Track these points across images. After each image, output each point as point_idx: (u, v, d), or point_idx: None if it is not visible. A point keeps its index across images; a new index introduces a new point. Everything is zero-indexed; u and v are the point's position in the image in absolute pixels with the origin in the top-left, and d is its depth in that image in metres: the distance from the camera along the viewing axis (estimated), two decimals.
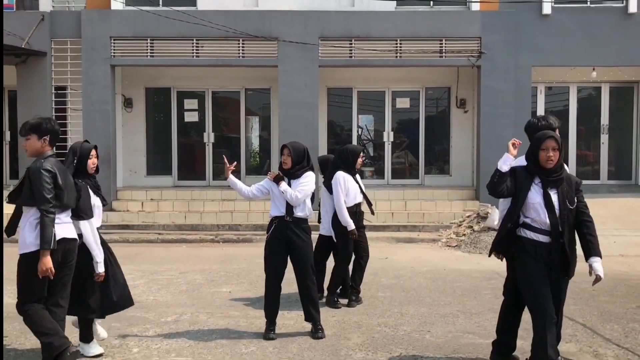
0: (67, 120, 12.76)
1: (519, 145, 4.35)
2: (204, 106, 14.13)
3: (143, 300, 6.85)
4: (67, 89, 12.85)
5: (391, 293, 7.24)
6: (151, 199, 12.97)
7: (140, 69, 13.63)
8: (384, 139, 14.14)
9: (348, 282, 6.83)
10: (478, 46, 12.66)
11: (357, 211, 6.64)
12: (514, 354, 4.79)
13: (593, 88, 14.39)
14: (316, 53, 12.58)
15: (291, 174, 5.54)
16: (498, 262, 4.77)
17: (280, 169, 5.63)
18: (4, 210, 5.22)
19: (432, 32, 12.65)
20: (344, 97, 14.31)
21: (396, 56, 12.71)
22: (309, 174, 5.58)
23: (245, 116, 14.24)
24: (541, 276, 4.18)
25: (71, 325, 5.07)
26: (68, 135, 12.57)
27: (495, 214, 4.59)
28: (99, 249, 4.77)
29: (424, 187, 13.66)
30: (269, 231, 5.61)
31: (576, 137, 14.18)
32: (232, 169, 5.63)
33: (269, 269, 5.59)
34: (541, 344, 4.13)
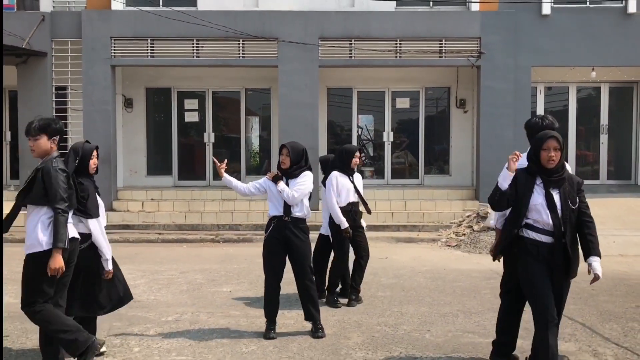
0: (68, 120, 12.78)
1: (518, 159, 4.32)
2: (204, 106, 14.16)
3: (144, 299, 6.87)
4: (67, 89, 12.88)
5: (391, 292, 7.26)
6: (151, 199, 12.99)
7: (141, 69, 13.65)
8: (384, 139, 14.16)
9: (348, 282, 6.85)
10: (478, 46, 12.68)
11: (352, 210, 6.66)
12: (513, 353, 4.81)
13: (592, 88, 14.41)
14: (316, 53, 12.60)
15: (289, 173, 5.56)
16: (498, 262, 4.79)
17: (279, 168, 5.66)
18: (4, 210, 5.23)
19: (431, 33, 12.67)
20: (343, 97, 14.33)
21: (396, 56, 12.72)
22: (307, 174, 5.60)
23: (246, 116, 14.26)
24: (543, 276, 4.19)
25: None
26: (68, 135, 12.59)
27: (494, 213, 4.58)
28: (108, 247, 4.84)
29: (424, 187, 13.69)
30: (267, 231, 5.63)
31: (576, 137, 14.20)
32: (224, 167, 5.66)
33: (267, 268, 5.61)
34: (542, 344, 4.14)
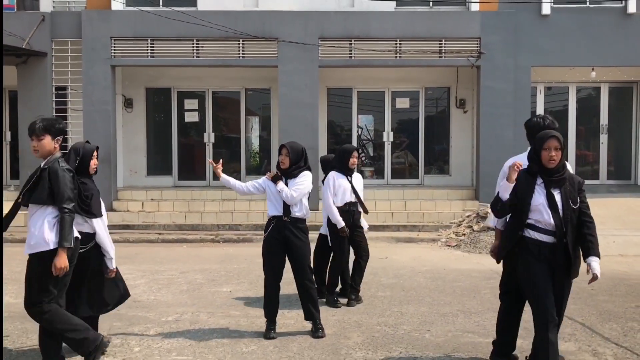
0: (68, 120, 12.77)
1: (519, 170, 4.29)
2: (204, 106, 14.16)
3: (144, 299, 6.88)
4: (67, 89, 12.89)
5: (391, 292, 7.26)
6: (151, 199, 13.00)
7: (141, 69, 13.66)
8: (384, 139, 14.16)
9: (348, 282, 6.87)
10: (477, 46, 12.69)
11: (350, 210, 6.68)
12: (513, 353, 4.82)
13: (592, 88, 14.42)
14: (316, 53, 12.61)
15: (288, 173, 5.58)
16: (493, 259, 4.79)
17: (278, 168, 5.68)
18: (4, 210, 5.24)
19: (431, 33, 12.68)
20: (343, 97, 14.33)
21: (396, 56, 12.73)
22: (306, 174, 5.62)
23: (245, 116, 14.27)
24: (544, 276, 4.18)
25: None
26: (69, 135, 12.59)
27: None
28: (112, 246, 4.89)
29: (424, 187, 13.69)
30: (266, 231, 5.64)
31: (575, 137, 14.20)
32: (220, 167, 5.69)
33: (267, 268, 5.62)
34: (542, 344, 4.13)
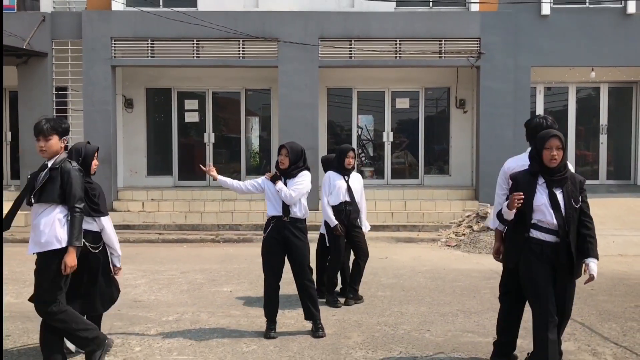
0: (68, 120, 12.79)
1: (520, 199, 4.20)
2: (204, 106, 14.18)
3: (144, 299, 6.89)
4: (67, 90, 12.90)
5: (391, 292, 7.28)
6: (152, 199, 13.01)
7: (141, 70, 13.67)
8: (384, 139, 14.17)
9: (347, 281, 6.89)
10: (477, 47, 12.70)
11: (346, 210, 6.71)
12: (514, 352, 4.82)
13: (592, 88, 14.44)
14: (316, 54, 12.62)
15: (287, 173, 5.61)
16: (497, 262, 4.80)
17: (277, 168, 5.70)
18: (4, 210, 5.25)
19: (431, 33, 12.69)
20: (343, 98, 14.34)
21: (396, 57, 12.74)
22: (305, 174, 5.65)
23: (246, 116, 14.28)
24: (545, 276, 4.17)
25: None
26: (69, 135, 12.59)
27: (492, 214, 4.58)
28: (118, 244, 4.98)
29: (424, 187, 13.70)
30: (266, 231, 5.66)
31: (575, 137, 14.21)
32: (213, 170, 5.72)
33: (267, 268, 5.64)
34: (542, 344, 4.12)
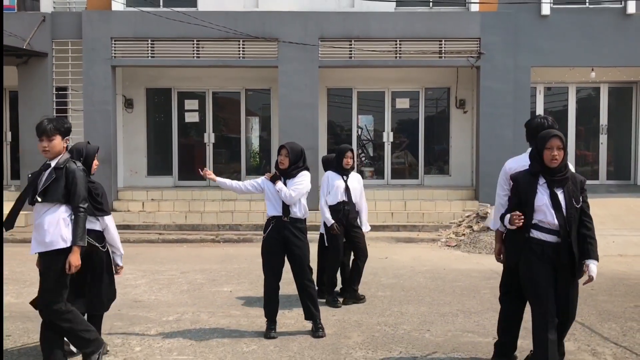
0: (68, 120, 12.79)
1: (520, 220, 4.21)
2: (204, 107, 14.18)
3: (145, 299, 6.90)
4: (68, 90, 12.90)
5: (391, 292, 7.28)
6: (152, 199, 13.02)
7: (141, 70, 13.68)
8: (384, 139, 14.18)
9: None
10: (477, 47, 12.71)
11: (344, 209, 6.74)
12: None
13: (592, 88, 14.44)
14: (316, 54, 12.62)
15: (287, 173, 5.62)
16: (499, 262, 4.79)
17: (277, 168, 5.71)
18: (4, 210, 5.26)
19: (431, 33, 12.69)
20: (343, 98, 14.35)
21: (396, 57, 12.75)
22: (304, 174, 5.66)
23: (246, 116, 14.29)
24: (546, 276, 4.16)
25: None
26: (70, 135, 12.60)
27: (493, 215, 4.58)
28: (120, 242, 5.00)
29: (424, 187, 13.71)
30: (266, 231, 5.67)
31: (575, 138, 14.22)
32: (209, 173, 5.72)
33: (266, 268, 5.65)
34: (541, 344, 4.11)
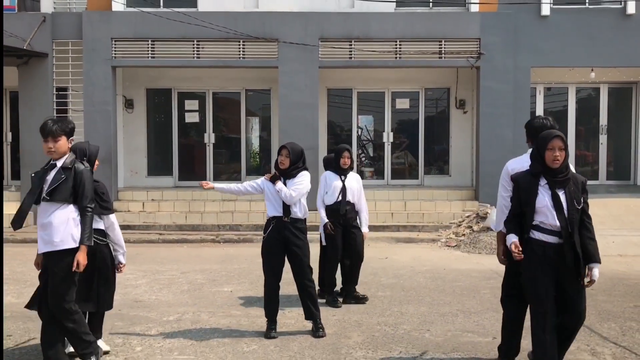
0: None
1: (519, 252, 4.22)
2: (204, 107, 14.19)
3: (145, 299, 6.91)
4: (68, 90, 12.90)
5: (391, 292, 7.29)
6: (152, 200, 13.03)
7: (141, 70, 13.69)
8: (384, 139, 14.19)
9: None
10: (477, 47, 12.71)
11: (341, 209, 6.76)
12: None
13: (592, 89, 14.45)
14: (316, 54, 12.63)
15: (287, 173, 5.64)
16: (497, 262, 4.79)
17: (277, 168, 5.73)
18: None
19: (431, 33, 12.70)
20: (343, 98, 14.36)
21: (396, 57, 12.76)
22: (304, 174, 5.68)
23: (246, 117, 14.29)
24: (546, 278, 4.14)
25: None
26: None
27: (494, 214, 4.58)
28: (123, 240, 5.04)
29: (424, 188, 13.71)
30: (266, 231, 5.68)
31: (575, 138, 14.22)
32: (208, 185, 5.73)
33: (267, 268, 5.66)
34: (541, 344, 4.10)
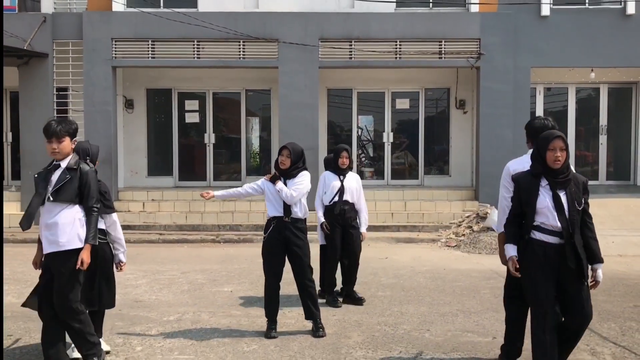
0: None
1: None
2: (204, 107, 14.19)
3: (145, 299, 6.92)
4: (68, 90, 12.91)
5: (391, 292, 7.30)
6: (152, 200, 13.03)
7: (141, 70, 13.69)
8: (384, 139, 14.20)
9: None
10: (477, 47, 12.72)
11: (340, 209, 6.77)
12: None
13: (592, 89, 14.46)
14: (316, 54, 12.64)
15: (287, 173, 5.65)
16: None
17: (277, 168, 5.74)
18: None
19: (431, 34, 12.71)
20: (343, 98, 14.37)
21: (396, 57, 12.76)
22: (304, 174, 5.70)
23: (246, 117, 14.30)
24: (546, 277, 4.13)
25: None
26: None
27: (495, 214, 4.60)
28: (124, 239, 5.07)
29: (424, 188, 13.72)
30: (266, 231, 5.69)
31: (575, 138, 14.22)
32: (206, 194, 5.72)
33: (267, 268, 5.67)
34: (540, 344, 4.10)
